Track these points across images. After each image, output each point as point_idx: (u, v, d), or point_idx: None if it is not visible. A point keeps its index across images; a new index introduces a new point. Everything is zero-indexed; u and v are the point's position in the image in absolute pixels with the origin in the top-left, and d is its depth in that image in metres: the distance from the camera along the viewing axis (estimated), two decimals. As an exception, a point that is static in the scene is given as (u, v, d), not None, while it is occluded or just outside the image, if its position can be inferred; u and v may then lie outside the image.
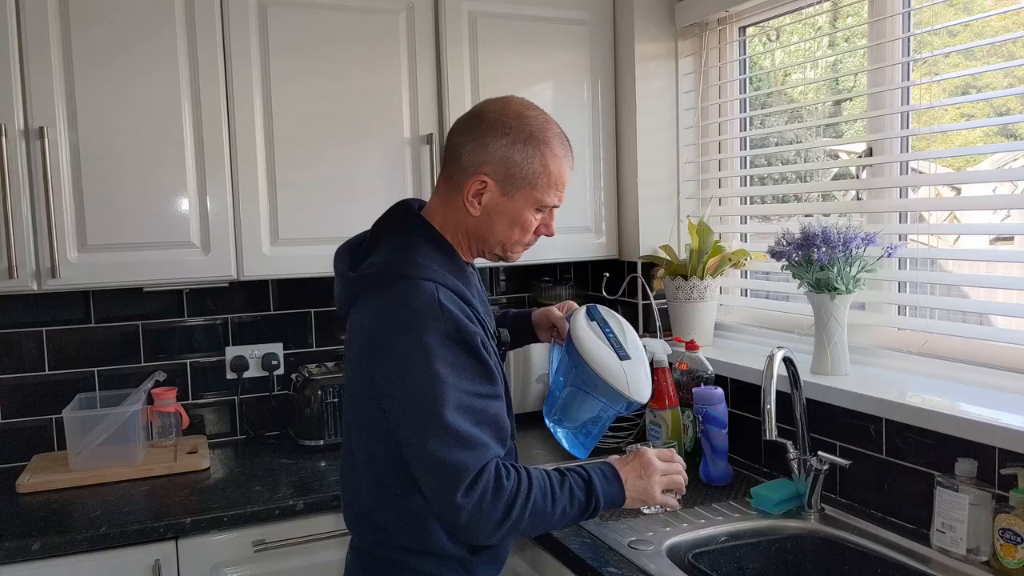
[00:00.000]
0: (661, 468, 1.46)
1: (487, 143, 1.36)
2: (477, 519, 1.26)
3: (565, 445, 1.68)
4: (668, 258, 2.35)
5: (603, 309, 1.63)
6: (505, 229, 1.41)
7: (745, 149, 2.36)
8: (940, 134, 1.82)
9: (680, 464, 1.50)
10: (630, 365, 1.53)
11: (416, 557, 1.38)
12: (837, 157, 2.17)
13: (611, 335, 1.56)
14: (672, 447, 1.59)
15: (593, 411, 1.58)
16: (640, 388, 1.53)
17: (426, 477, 1.29)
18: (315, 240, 2.12)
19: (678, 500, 1.51)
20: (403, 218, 1.44)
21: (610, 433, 2.17)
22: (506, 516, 1.27)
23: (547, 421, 1.68)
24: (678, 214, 2.50)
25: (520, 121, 1.38)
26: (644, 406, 1.62)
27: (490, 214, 1.40)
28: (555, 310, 1.71)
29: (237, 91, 2.06)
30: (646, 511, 1.56)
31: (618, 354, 1.53)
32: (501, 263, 1.55)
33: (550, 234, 1.48)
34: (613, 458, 1.48)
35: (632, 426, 2.19)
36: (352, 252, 1.45)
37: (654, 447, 1.53)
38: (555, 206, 1.44)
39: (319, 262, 2.05)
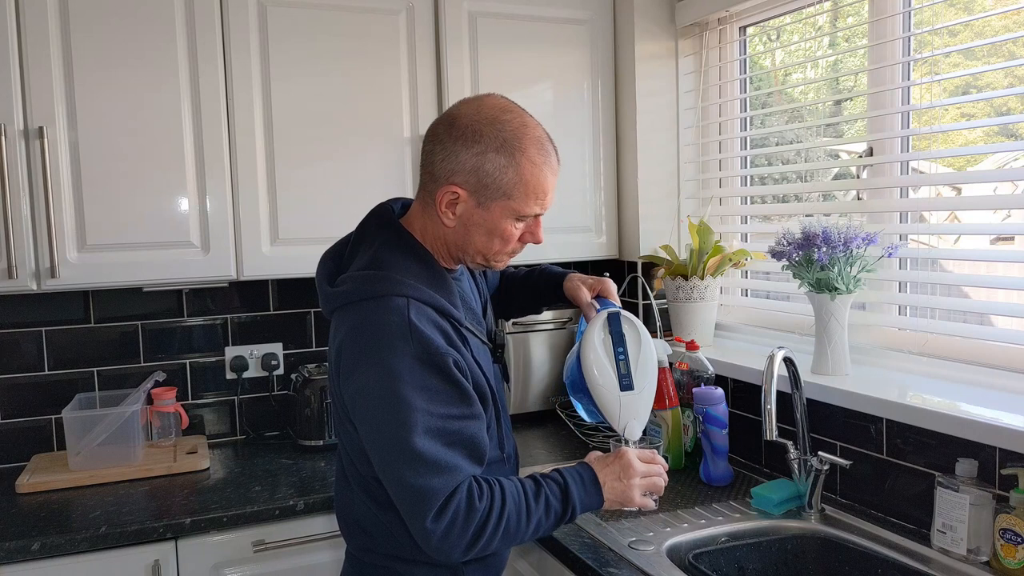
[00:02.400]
0: (642, 470, 1.41)
1: (457, 151, 1.28)
2: (447, 542, 1.23)
3: (581, 409, 1.61)
4: (668, 258, 2.35)
5: (625, 319, 1.50)
6: (483, 240, 1.34)
7: (745, 149, 2.36)
8: (940, 134, 1.82)
9: (661, 465, 1.45)
10: (630, 398, 1.46)
11: (406, 565, 1.37)
12: (837, 157, 2.17)
13: (622, 356, 1.47)
14: (656, 447, 1.52)
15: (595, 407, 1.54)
16: (631, 427, 1.47)
17: (398, 500, 1.27)
18: (315, 240, 2.12)
19: (655, 501, 1.46)
20: (380, 225, 1.39)
21: (610, 432, 2.17)
22: (477, 537, 1.25)
23: (565, 379, 1.60)
24: (678, 214, 2.50)
25: (493, 127, 1.28)
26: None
27: (466, 225, 1.32)
28: (584, 294, 1.58)
29: (237, 91, 2.06)
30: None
31: (621, 383, 1.46)
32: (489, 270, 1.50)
33: (537, 242, 1.39)
34: (593, 456, 1.43)
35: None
36: (337, 258, 1.41)
37: (638, 446, 1.48)
38: (538, 215, 1.36)
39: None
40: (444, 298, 1.32)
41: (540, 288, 1.69)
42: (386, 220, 1.40)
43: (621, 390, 1.46)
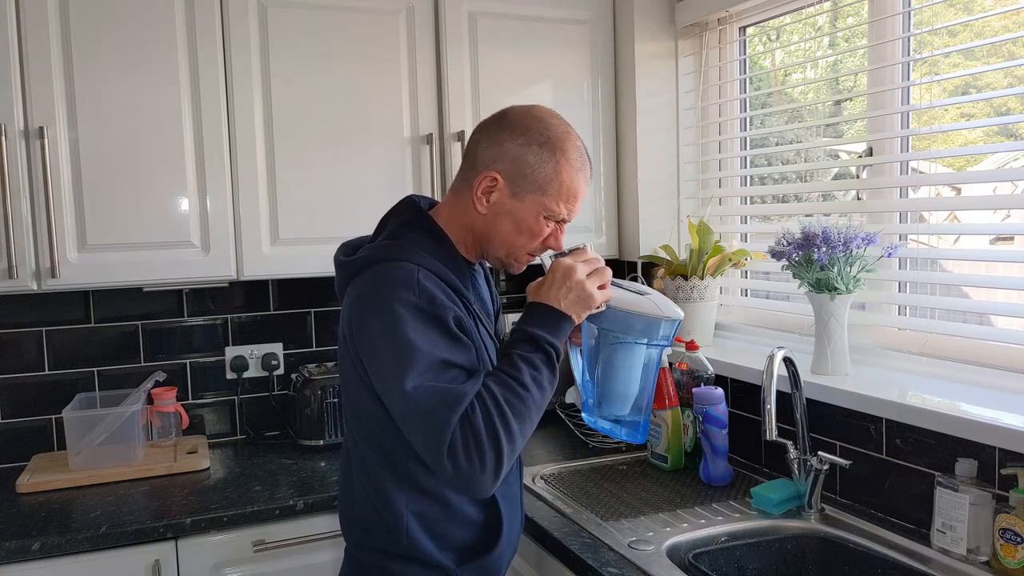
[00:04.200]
0: (582, 269, 1.36)
1: (503, 140, 1.35)
2: (474, 468, 1.20)
3: (621, 435, 1.55)
4: (668, 258, 2.35)
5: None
6: (510, 233, 1.38)
7: (745, 149, 2.36)
8: (940, 134, 1.82)
9: (594, 255, 1.41)
10: (653, 296, 1.47)
11: (399, 562, 1.37)
12: (837, 157, 2.17)
13: (623, 287, 1.51)
14: (579, 247, 1.43)
15: (632, 365, 1.46)
16: (671, 307, 1.45)
17: (418, 447, 1.25)
18: (315, 240, 2.12)
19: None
20: (404, 211, 1.44)
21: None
22: (496, 440, 1.21)
23: (592, 421, 1.55)
24: (678, 214, 2.50)
25: (540, 125, 1.36)
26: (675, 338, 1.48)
27: (497, 214, 1.37)
28: None
29: (237, 91, 2.06)
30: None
31: (637, 294, 1.48)
32: (504, 270, 1.50)
33: (557, 248, 1.43)
34: (531, 289, 1.38)
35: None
36: (355, 246, 1.44)
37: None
38: (564, 220, 1.40)
39: (319, 262, 2.05)
40: (455, 277, 1.35)
41: None
42: (413, 207, 1.44)
43: (642, 296, 1.46)
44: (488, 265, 1.55)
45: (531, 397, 1.27)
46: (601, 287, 1.38)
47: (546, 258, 1.43)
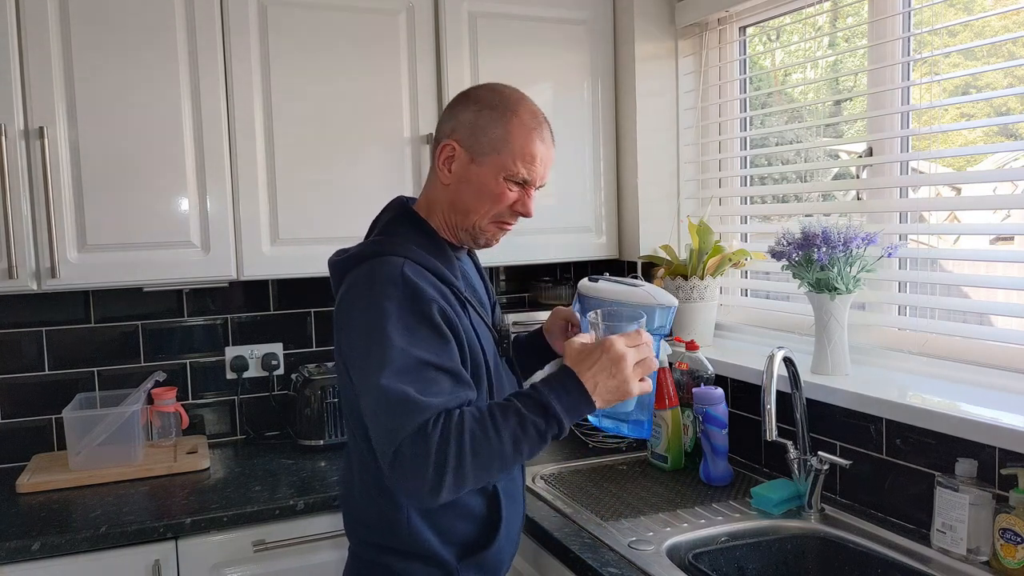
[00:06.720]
0: (633, 357, 1.24)
1: (459, 112, 1.40)
2: (411, 478, 1.17)
3: (625, 432, 1.50)
4: (668, 258, 2.35)
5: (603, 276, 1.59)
6: (474, 200, 1.38)
7: (745, 149, 2.36)
8: (940, 134, 1.82)
9: (648, 339, 1.28)
10: (646, 287, 1.49)
11: (401, 559, 1.37)
12: (837, 157, 2.17)
13: (618, 281, 1.54)
14: (639, 320, 1.31)
15: None
16: (664, 296, 1.46)
17: (372, 436, 1.24)
18: (315, 240, 2.12)
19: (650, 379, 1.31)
20: (392, 209, 1.48)
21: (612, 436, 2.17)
22: (441, 465, 1.16)
23: (596, 420, 1.50)
24: (678, 214, 2.50)
25: (493, 93, 1.41)
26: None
27: (460, 182, 1.39)
28: (560, 309, 1.63)
29: (237, 91, 2.06)
30: None
31: (630, 286, 1.50)
32: (484, 248, 1.47)
33: (527, 214, 1.41)
34: (574, 350, 1.26)
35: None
36: (348, 249, 1.46)
37: (610, 324, 1.30)
38: (526, 181, 1.38)
39: (319, 262, 2.03)
40: (443, 266, 1.36)
41: (523, 349, 1.66)
42: (399, 204, 1.48)
43: (635, 288, 1.49)
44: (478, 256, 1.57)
45: (501, 452, 1.20)
46: (641, 379, 1.28)
47: (600, 322, 1.31)
